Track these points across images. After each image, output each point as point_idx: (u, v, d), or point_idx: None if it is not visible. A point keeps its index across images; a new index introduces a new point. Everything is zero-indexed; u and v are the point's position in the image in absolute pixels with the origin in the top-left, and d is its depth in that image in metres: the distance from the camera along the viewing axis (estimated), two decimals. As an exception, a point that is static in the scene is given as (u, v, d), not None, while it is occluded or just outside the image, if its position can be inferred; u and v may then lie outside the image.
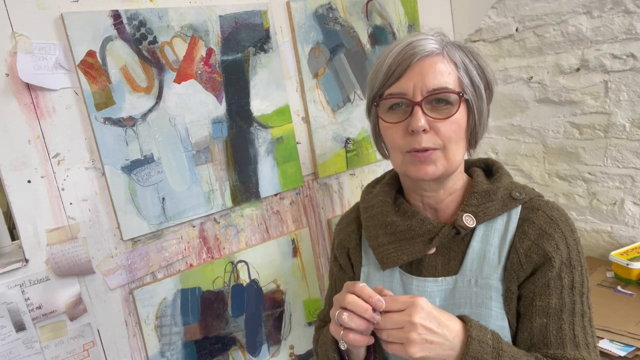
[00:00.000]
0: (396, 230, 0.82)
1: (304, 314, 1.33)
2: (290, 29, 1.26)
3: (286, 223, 1.30)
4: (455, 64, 0.77)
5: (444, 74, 0.75)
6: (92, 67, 0.98)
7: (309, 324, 1.35)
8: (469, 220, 0.78)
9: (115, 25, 1.00)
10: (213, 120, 1.14)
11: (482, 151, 1.73)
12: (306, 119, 1.31)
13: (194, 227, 1.15)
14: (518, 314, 0.77)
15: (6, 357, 0.93)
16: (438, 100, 0.75)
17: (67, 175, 0.98)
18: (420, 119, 0.73)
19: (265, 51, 1.21)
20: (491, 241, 0.79)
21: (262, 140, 1.22)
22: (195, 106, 1.11)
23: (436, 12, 1.59)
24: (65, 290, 0.99)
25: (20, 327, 0.94)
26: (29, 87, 0.93)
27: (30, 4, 0.92)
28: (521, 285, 0.77)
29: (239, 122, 1.18)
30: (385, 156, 0.88)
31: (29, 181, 0.95)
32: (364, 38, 1.39)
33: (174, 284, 1.11)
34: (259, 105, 1.21)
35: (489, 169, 0.88)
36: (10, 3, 0.90)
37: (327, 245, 1.39)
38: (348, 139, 1.38)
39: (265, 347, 1.27)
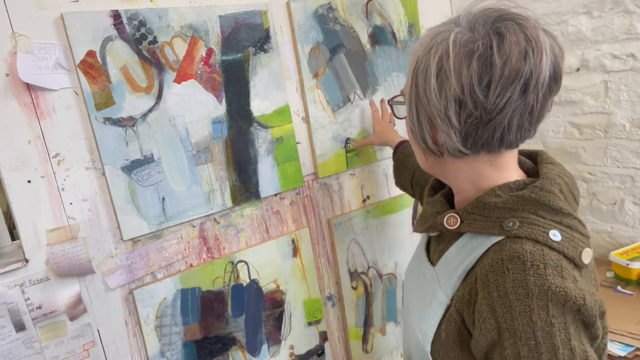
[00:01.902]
0: (424, 203, 0.87)
1: (304, 314, 1.33)
2: (290, 29, 1.26)
3: (286, 223, 1.30)
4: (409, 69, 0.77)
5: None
6: (92, 67, 0.98)
7: (309, 324, 1.35)
8: (450, 220, 0.74)
9: (115, 25, 1.00)
10: (213, 120, 1.14)
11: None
12: (306, 119, 1.31)
13: (194, 227, 1.15)
14: (465, 343, 0.70)
15: (6, 357, 0.93)
16: None
17: (67, 175, 0.99)
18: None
19: (265, 51, 1.21)
20: (462, 255, 0.72)
21: (262, 140, 1.22)
22: (195, 106, 1.11)
23: (436, 12, 1.59)
24: (65, 290, 0.99)
25: (20, 327, 0.94)
26: (29, 87, 0.93)
27: (30, 4, 0.92)
28: (467, 319, 0.69)
29: (239, 122, 1.18)
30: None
31: (29, 181, 0.95)
32: (364, 38, 1.39)
33: (174, 284, 1.11)
34: (259, 105, 1.21)
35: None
36: (10, 3, 0.90)
37: (327, 245, 1.39)
38: (348, 139, 1.38)
39: (265, 347, 1.27)
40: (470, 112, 0.66)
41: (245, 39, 1.18)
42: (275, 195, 1.27)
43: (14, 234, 1.05)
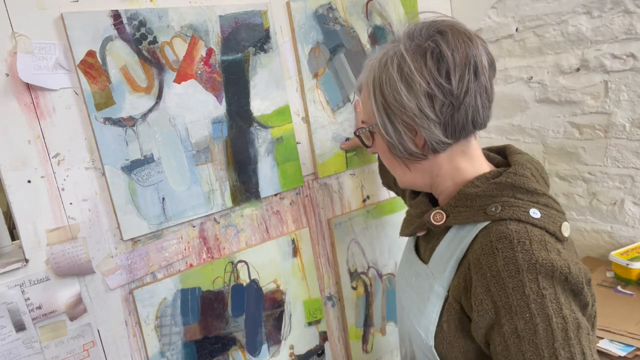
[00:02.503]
0: (407, 205, 0.91)
1: (304, 314, 1.33)
2: (290, 29, 1.26)
3: (286, 223, 1.30)
4: (368, 91, 0.80)
5: (363, 107, 0.84)
6: (92, 67, 0.98)
7: (309, 324, 1.35)
8: (436, 217, 0.78)
9: (115, 25, 1.00)
10: (213, 120, 1.14)
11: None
12: (306, 119, 1.31)
13: (194, 227, 1.15)
14: (466, 330, 0.73)
15: (6, 357, 0.93)
16: None
17: (67, 175, 0.98)
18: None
19: (265, 51, 1.21)
20: (452, 247, 0.76)
21: (262, 140, 1.22)
22: (195, 106, 1.11)
23: (436, 12, 1.59)
24: (65, 290, 0.99)
25: (20, 327, 0.94)
26: (29, 87, 0.93)
27: (30, 4, 0.92)
28: (465, 305, 0.72)
29: (239, 122, 1.18)
30: None
31: (29, 181, 0.95)
32: (364, 38, 1.39)
33: (174, 284, 1.11)
34: (259, 105, 1.21)
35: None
36: (10, 3, 0.90)
37: (327, 245, 1.39)
38: (348, 139, 1.38)
39: (265, 347, 1.27)
40: (443, 102, 0.72)
41: (245, 39, 1.18)
42: (275, 195, 1.27)
43: (14, 234, 1.05)
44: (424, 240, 0.88)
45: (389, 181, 1.29)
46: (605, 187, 1.45)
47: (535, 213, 0.70)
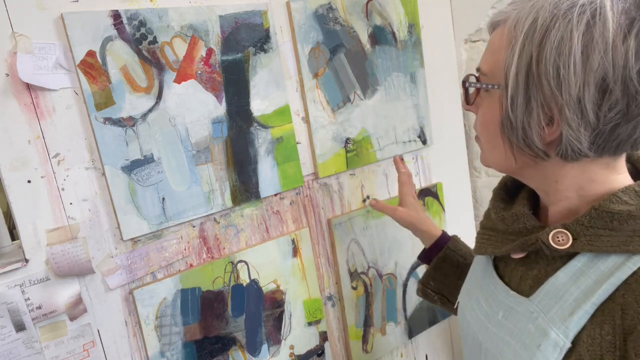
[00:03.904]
0: (494, 216, 0.70)
1: (304, 314, 1.33)
2: (290, 29, 1.26)
3: (286, 223, 1.30)
4: (512, 38, 0.56)
5: (489, 52, 0.61)
6: (92, 67, 0.98)
7: (309, 324, 1.35)
8: (558, 239, 0.59)
9: (115, 25, 1.00)
10: (213, 120, 1.14)
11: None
12: (306, 119, 1.31)
13: (194, 227, 1.15)
14: None
15: (6, 357, 0.93)
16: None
17: (67, 175, 0.98)
18: (463, 104, 0.68)
19: (265, 51, 1.21)
20: (582, 282, 0.57)
21: (262, 140, 1.22)
22: (195, 106, 1.11)
23: (436, 12, 1.59)
24: (65, 290, 0.99)
25: (20, 327, 0.94)
26: (29, 87, 0.93)
27: (30, 4, 0.92)
28: None
29: (239, 122, 1.18)
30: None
31: (29, 181, 0.95)
32: (364, 38, 1.39)
33: (174, 284, 1.11)
34: (259, 105, 1.21)
35: None
36: (10, 3, 0.90)
37: (327, 245, 1.39)
38: (348, 139, 1.38)
39: (265, 347, 1.27)
40: (615, 103, 0.52)
41: (245, 39, 1.18)
42: (275, 195, 1.27)
43: (14, 234, 1.06)
44: (517, 264, 0.68)
45: (449, 287, 1.00)
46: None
47: None
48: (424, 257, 1.13)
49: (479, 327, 0.72)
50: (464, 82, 0.64)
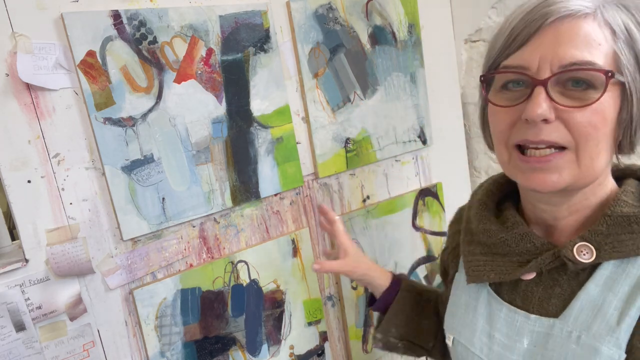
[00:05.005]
0: (489, 240, 0.66)
1: (304, 314, 1.33)
2: (290, 29, 1.26)
3: (286, 223, 1.30)
4: (613, 31, 0.53)
5: (590, 44, 0.52)
6: (92, 67, 0.98)
7: (309, 324, 1.35)
8: (583, 253, 0.57)
9: (115, 25, 1.00)
10: (213, 120, 1.14)
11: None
12: (306, 119, 1.31)
13: (194, 227, 1.15)
14: None
15: (6, 357, 0.93)
16: (576, 81, 0.54)
17: (67, 175, 0.99)
18: (541, 104, 0.53)
19: (265, 51, 1.21)
20: (617, 289, 0.56)
21: (262, 140, 1.22)
22: (195, 106, 1.11)
23: (436, 12, 1.59)
24: (65, 290, 0.99)
25: (20, 327, 0.94)
26: (29, 87, 0.93)
27: (30, 4, 0.92)
28: None
29: (239, 122, 1.18)
30: (491, 148, 0.67)
31: (29, 181, 0.95)
32: (364, 38, 1.39)
33: (174, 284, 1.11)
34: (259, 105, 1.21)
35: None
36: (10, 3, 0.90)
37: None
38: (348, 139, 1.38)
39: (265, 347, 1.27)
40: None
41: (245, 39, 1.18)
42: (275, 195, 1.27)
43: (14, 234, 1.06)
44: (528, 285, 0.64)
45: (422, 330, 0.92)
46: None
47: None
48: (379, 304, 0.97)
49: None
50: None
